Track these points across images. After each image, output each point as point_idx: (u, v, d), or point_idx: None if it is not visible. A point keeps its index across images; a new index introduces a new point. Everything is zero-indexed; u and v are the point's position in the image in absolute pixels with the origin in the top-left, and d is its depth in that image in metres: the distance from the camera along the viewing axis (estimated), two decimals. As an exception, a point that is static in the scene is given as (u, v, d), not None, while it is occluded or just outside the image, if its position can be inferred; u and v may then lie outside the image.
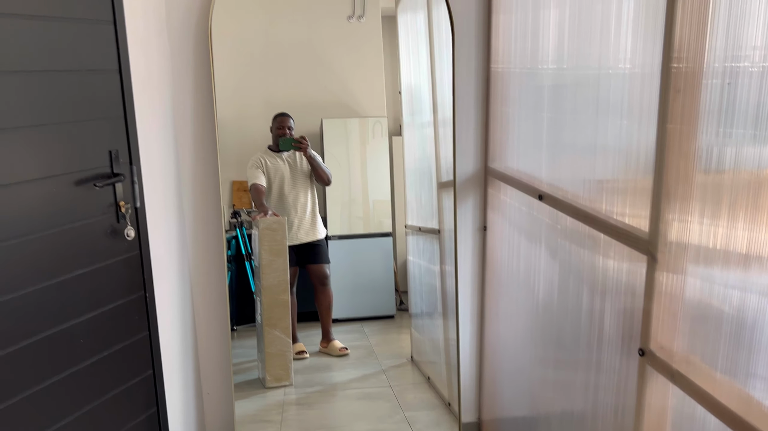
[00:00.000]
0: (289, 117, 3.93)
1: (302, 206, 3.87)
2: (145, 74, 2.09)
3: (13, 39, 1.62)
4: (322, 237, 3.99)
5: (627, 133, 1.50)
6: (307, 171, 3.85)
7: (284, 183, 3.83)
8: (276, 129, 3.92)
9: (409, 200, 3.99)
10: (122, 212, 1.93)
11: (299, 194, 3.86)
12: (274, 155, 3.89)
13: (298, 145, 3.75)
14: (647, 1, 1.41)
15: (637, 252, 1.46)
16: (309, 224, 3.90)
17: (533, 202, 2.02)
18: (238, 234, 4.69)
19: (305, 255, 3.91)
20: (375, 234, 4.93)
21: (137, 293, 2.05)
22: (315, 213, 3.94)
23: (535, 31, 2.01)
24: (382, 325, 4.73)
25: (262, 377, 3.46)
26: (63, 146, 1.77)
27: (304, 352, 3.88)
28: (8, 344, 1.63)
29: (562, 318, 1.92)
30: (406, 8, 3.64)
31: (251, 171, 3.87)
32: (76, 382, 1.84)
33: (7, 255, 1.62)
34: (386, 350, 4.02)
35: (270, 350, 3.44)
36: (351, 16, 5.23)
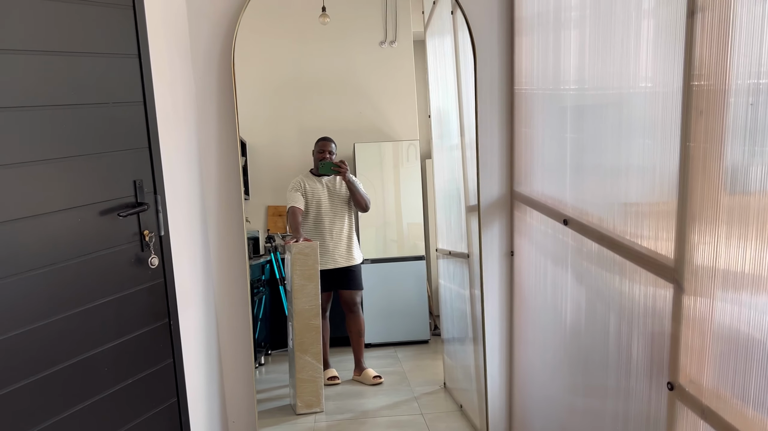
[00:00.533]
0: (330, 141, 3.94)
1: (338, 230, 3.86)
2: (169, 105, 2.13)
3: (40, 74, 1.68)
4: (358, 262, 3.97)
5: (649, 154, 1.45)
6: (346, 196, 3.85)
7: (321, 206, 3.84)
8: (317, 153, 3.94)
9: (439, 223, 3.96)
10: (146, 241, 1.96)
11: (336, 218, 3.85)
12: (314, 178, 3.90)
13: (337, 170, 3.76)
14: (667, 18, 1.36)
15: (663, 280, 1.40)
16: (345, 249, 3.88)
17: (558, 226, 1.97)
18: (272, 258, 4.73)
19: (339, 279, 3.89)
20: (408, 258, 4.90)
21: (162, 321, 2.06)
22: (351, 238, 3.92)
23: (556, 52, 1.98)
24: (415, 350, 4.67)
25: (293, 403, 3.44)
26: (88, 177, 1.82)
27: (336, 378, 3.85)
28: (33, 372, 1.66)
29: (590, 347, 1.85)
30: (434, 32, 3.65)
31: (290, 194, 3.89)
32: (101, 410, 1.86)
33: (33, 285, 1.66)
34: (419, 376, 3.96)
35: (301, 376, 3.42)
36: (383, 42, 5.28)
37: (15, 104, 1.61)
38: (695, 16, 1.24)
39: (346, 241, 3.88)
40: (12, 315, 1.61)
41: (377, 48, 5.24)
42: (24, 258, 1.64)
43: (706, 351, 1.28)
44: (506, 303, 2.62)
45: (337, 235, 3.85)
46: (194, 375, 2.27)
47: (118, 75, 1.89)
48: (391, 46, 5.24)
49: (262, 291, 4.45)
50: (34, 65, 1.66)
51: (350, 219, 3.90)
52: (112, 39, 1.87)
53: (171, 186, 2.10)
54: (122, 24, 1.90)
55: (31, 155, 1.65)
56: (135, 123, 1.95)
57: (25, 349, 1.64)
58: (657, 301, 1.45)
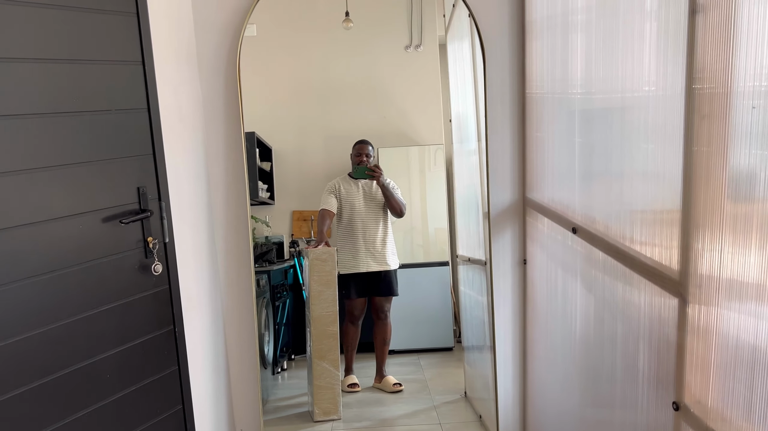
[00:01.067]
0: (367, 144, 3.89)
1: (372, 234, 3.80)
2: (175, 112, 2.14)
3: (44, 82, 1.70)
4: (393, 267, 3.89)
5: (653, 159, 1.38)
6: (382, 200, 3.79)
7: (355, 209, 3.80)
8: (354, 156, 3.90)
9: (459, 229, 3.89)
10: (150, 248, 1.96)
11: (370, 222, 3.80)
12: (350, 181, 3.87)
13: (371, 174, 3.72)
14: (668, 20, 1.29)
15: (668, 293, 1.32)
16: (379, 253, 3.83)
17: (567, 234, 1.90)
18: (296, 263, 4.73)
19: (372, 284, 3.84)
20: (434, 264, 4.84)
21: (166, 327, 2.06)
22: (386, 242, 3.85)
23: (564, 55, 1.91)
24: (439, 358, 4.61)
25: (311, 410, 3.42)
26: (92, 184, 1.82)
27: (356, 385, 3.81)
28: (36, 378, 1.67)
29: (598, 359, 1.77)
30: (453, 36, 3.60)
31: (324, 195, 3.86)
32: (104, 417, 1.86)
33: (36, 291, 1.67)
34: (440, 385, 3.90)
35: (318, 382, 3.40)
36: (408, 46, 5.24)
37: (18, 112, 1.63)
38: (696, 17, 1.17)
39: (380, 246, 3.82)
40: (14, 321, 1.62)
41: (402, 52, 5.20)
42: (26, 265, 1.65)
43: (711, 366, 1.20)
44: (519, 312, 2.55)
45: (371, 239, 3.80)
46: (200, 383, 2.26)
47: (122, 82, 1.90)
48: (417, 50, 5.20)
49: (285, 295, 4.45)
50: (37, 73, 1.67)
51: (385, 223, 3.85)
52: (115, 46, 1.88)
53: (176, 193, 2.10)
54: (126, 31, 1.90)
55: (34, 162, 1.67)
56: (139, 130, 1.96)
57: (27, 355, 1.65)
58: (663, 313, 1.37)
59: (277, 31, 5.14)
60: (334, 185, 3.88)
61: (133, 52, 1.92)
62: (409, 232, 4.81)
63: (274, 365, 4.04)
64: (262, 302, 3.64)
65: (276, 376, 4.20)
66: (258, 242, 4.73)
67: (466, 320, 3.72)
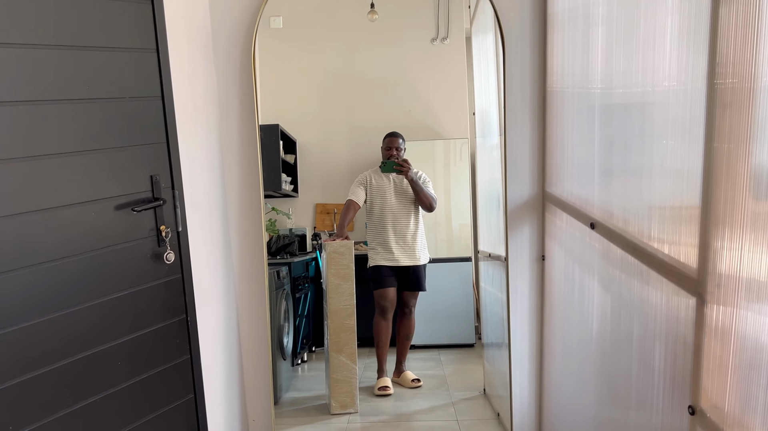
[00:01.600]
0: (397, 137, 3.81)
1: (402, 228, 3.75)
2: (189, 100, 2.13)
3: (58, 69, 1.70)
4: (422, 262, 3.84)
5: (673, 155, 1.32)
6: (412, 194, 3.75)
7: (386, 203, 3.75)
8: (384, 149, 3.83)
9: (480, 225, 3.83)
10: (163, 236, 1.96)
11: (401, 216, 3.75)
12: (381, 175, 3.82)
13: (399, 168, 3.67)
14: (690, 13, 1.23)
15: (685, 291, 1.26)
16: (409, 247, 3.78)
17: (585, 230, 1.84)
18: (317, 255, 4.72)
19: (401, 278, 3.79)
20: (457, 259, 4.79)
21: (179, 316, 2.06)
22: (416, 236, 3.79)
23: (585, 48, 1.85)
24: (459, 354, 4.57)
25: (329, 403, 3.41)
26: (104, 171, 1.83)
27: (387, 388, 3.66)
28: (46, 363, 1.68)
29: (614, 358, 1.72)
30: (478, 28, 3.53)
31: (353, 186, 3.80)
32: (114, 404, 1.87)
33: (47, 277, 1.68)
34: (460, 381, 3.86)
35: (335, 375, 3.38)
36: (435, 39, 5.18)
37: (31, 98, 1.64)
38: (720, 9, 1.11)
39: (410, 240, 3.77)
40: (25, 307, 1.63)
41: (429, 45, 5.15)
42: (38, 251, 1.66)
43: (729, 369, 1.14)
44: (536, 309, 2.48)
45: (401, 233, 3.75)
46: (213, 373, 2.26)
47: (136, 69, 1.90)
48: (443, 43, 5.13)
49: (306, 288, 4.45)
50: (51, 59, 1.68)
51: (417, 217, 3.79)
52: (130, 34, 1.88)
53: (189, 182, 2.09)
54: (141, 19, 1.90)
55: (47, 148, 1.67)
56: (152, 118, 1.95)
57: (38, 341, 1.66)
58: (680, 313, 1.31)
59: (303, 23, 5.13)
60: (365, 177, 3.82)
61: (147, 39, 1.91)
62: (432, 227, 4.76)
63: (293, 357, 4.05)
64: (282, 294, 3.64)
65: (296, 368, 4.21)
66: (280, 234, 4.73)
67: (486, 317, 3.67)
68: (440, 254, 4.82)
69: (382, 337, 3.79)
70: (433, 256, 4.33)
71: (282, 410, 3.40)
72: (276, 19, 5.11)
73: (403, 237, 3.75)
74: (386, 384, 3.69)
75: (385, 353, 3.83)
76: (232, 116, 2.46)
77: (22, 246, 1.62)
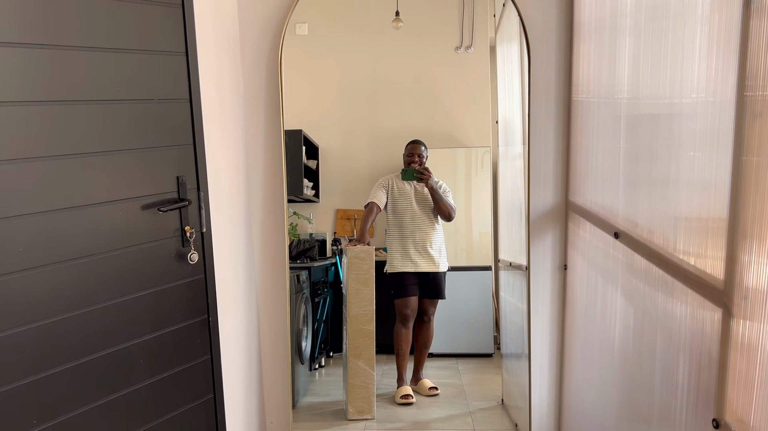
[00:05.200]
0: (420, 144, 3.83)
1: (423, 235, 3.74)
2: (216, 103, 2.16)
3: (89, 70, 1.74)
4: (442, 269, 3.83)
5: (700, 166, 1.30)
6: (432, 202, 3.75)
7: (407, 209, 3.75)
8: (406, 156, 3.84)
9: (502, 233, 3.81)
10: (187, 237, 1.98)
11: (422, 223, 3.74)
12: (403, 181, 3.83)
13: (419, 176, 3.67)
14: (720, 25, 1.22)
15: (711, 303, 1.24)
16: (429, 254, 3.77)
17: (609, 239, 1.82)
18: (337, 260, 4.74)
19: (421, 285, 3.76)
20: (477, 268, 4.77)
21: (200, 317, 2.08)
22: (436, 244, 3.78)
23: (611, 58, 1.84)
24: (477, 364, 4.53)
25: (345, 408, 3.41)
26: (131, 172, 1.86)
27: (409, 397, 3.59)
28: (71, 359, 1.71)
29: (637, 370, 1.69)
30: (503, 37, 3.54)
31: (374, 188, 3.81)
32: (136, 401, 1.90)
33: (73, 274, 1.71)
34: (477, 391, 3.83)
35: (353, 381, 3.38)
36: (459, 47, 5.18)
37: (63, 98, 1.68)
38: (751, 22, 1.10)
39: (429, 247, 3.76)
40: (53, 303, 1.67)
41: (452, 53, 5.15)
42: (65, 248, 1.69)
43: (755, 383, 1.12)
44: (557, 320, 2.46)
45: (421, 240, 3.74)
46: (232, 374, 2.28)
47: (165, 72, 1.93)
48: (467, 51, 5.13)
49: (325, 292, 4.46)
50: (82, 61, 1.71)
51: (436, 225, 3.79)
52: (160, 37, 1.91)
53: (215, 184, 2.12)
54: (171, 22, 1.94)
55: (77, 148, 1.71)
56: (180, 120, 1.98)
57: (63, 336, 1.69)
58: (705, 325, 1.29)
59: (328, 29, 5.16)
60: (387, 181, 3.83)
61: (177, 42, 1.95)
62: (453, 236, 4.74)
63: (311, 361, 4.05)
64: (302, 298, 3.66)
65: (313, 372, 4.21)
66: (301, 239, 4.76)
67: (506, 326, 3.65)
68: (460, 262, 4.80)
69: (403, 346, 3.78)
70: (452, 265, 4.31)
71: (299, 414, 3.40)
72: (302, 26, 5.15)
73: (423, 243, 3.74)
74: (408, 392, 3.66)
75: (405, 362, 3.81)
76: (257, 120, 2.49)
77: (50, 243, 1.65)
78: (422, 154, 3.77)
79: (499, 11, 3.71)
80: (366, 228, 3.61)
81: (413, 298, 3.73)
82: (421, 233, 3.74)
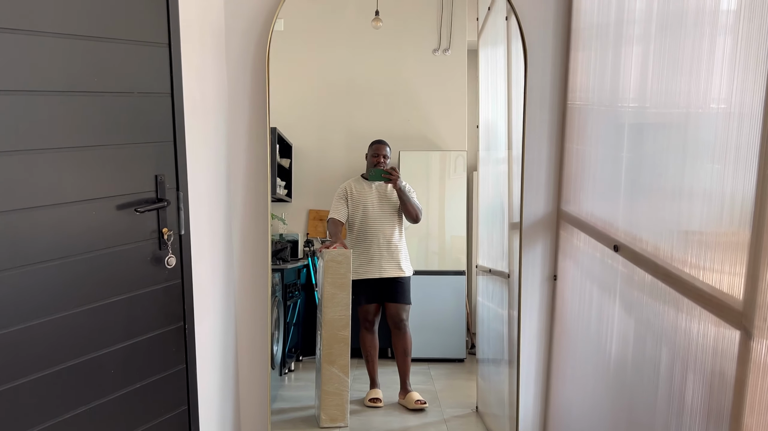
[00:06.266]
0: (384, 145, 3.75)
1: (386, 238, 3.65)
2: (199, 99, 2.05)
3: (64, 58, 1.61)
4: (407, 274, 3.73)
5: (719, 178, 1.26)
6: (396, 203, 3.65)
7: (369, 212, 3.65)
8: (371, 157, 3.75)
9: (481, 239, 3.77)
10: (165, 239, 1.87)
11: (384, 225, 3.65)
12: (363, 182, 3.72)
13: (387, 176, 3.58)
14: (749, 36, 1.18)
15: (728, 324, 1.20)
16: (393, 258, 3.68)
17: (607, 251, 1.78)
18: (309, 262, 4.63)
19: (385, 291, 3.68)
20: (449, 272, 4.73)
21: (176, 324, 1.97)
22: (400, 247, 3.70)
23: (615, 67, 1.80)
24: (450, 369, 4.49)
25: (317, 415, 3.32)
26: (107, 169, 1.74)
27: (378, 400, 3.56)
28: (36, 369, 1.58)
29: (636, 385, 1.65)
30: (487, 40, 3.49)
31: (334, 202, 3.72)
32: (106, 414, 1.77)
33: (42, 277, 1.58)
34: (451, 397, 3.77)
35: (327, 388, 3.29)
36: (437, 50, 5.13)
37: (34, 88, 1.55)
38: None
39: (393, 251, 3.67)
40: (17, 309, 1.54)
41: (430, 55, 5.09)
42: (33, 250, 1.56)
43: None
44: (546, 330, 2.42)
45: (385, 243, 3.65)
46: (208, 383, 2.17)
47: (146, 64, 1.81)
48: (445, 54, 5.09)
49: (297, 295, 4.35)
50: (57, 48, 1.58)
51: (400, 227, 3.70)
52: (142, 26, 1.79)
53: (195, 183, 2.00)
54: (154, 11, 1.82)
55: (47, 142, 1.58)
56: (160, 115, 1.87)
57: (28, 346, 1.56)
58: (718, 344, 1.25)
59: (305, 26, 5.05)
60: (345, 189, 3.74)
61: (160, 33, 1.83)
62: (424, 239, 4.69)
63: (281, 366, 3.94)
64: (274, 301, 3.55)
65: (283, 377, 4.11)
66: (273, 239, 4.64)
67: (483, 332, 3.61)
68: (431, 266, 4.75)
69: (371, 351, 3.71)
70: (424, 269, 4.26)
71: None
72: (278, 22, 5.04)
73: (387, 247, 3.66)
74: (377, 395, 3.60)
75: (375, 367, 3.74)
76: (241, 117, 2.38)
77: (16, 245, 1.52)
78: (387, 155, 3.71)
79: (483, 14, 3.66)
80: (338, 234, 3.53)
81: (374, 305, 3.66)
82: (385, 236, 3.66)
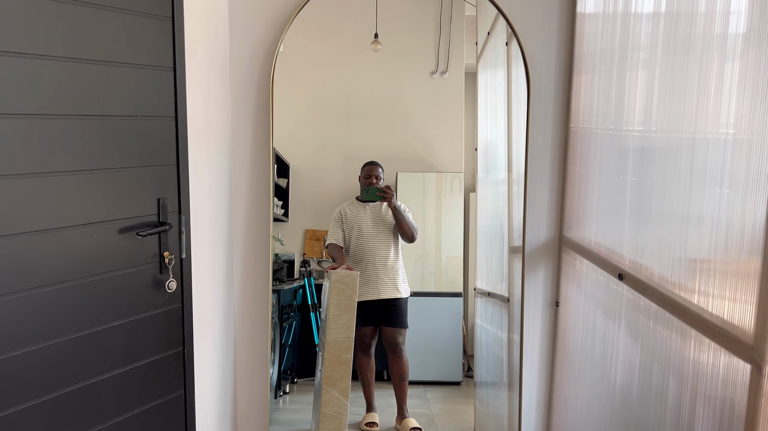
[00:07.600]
0: (377, 166, 3.75)
1: (382, 259, 3.62)
2: (202, 123, 2.04)
3: (69, 82, 1.60)
4: (404, 296, 3.69)
5: (728, 205, 1.26)
6: (391, 223, 3.63)
7: (363, 232, 3.63)
8: (363, 178, 3.75)
9: (480, 261, 3.75)
10: (165, 263, 1.85)
11: (379, 246, 3.63)
12: (357, 205, 3.72)
13: (382, 195, 3.58)
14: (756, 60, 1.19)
15: (738, 358, 1.19)
16: (389, 279, 3.65)
17: (612, 279, 1.78)
18: (306, 283, 4.60)
19: (380, 314, 3.62)
20: (446, 294, 4.70)
21: (175, 349, 1.94)
22: (396, 268, 3.67)
23: (620, 92, 1.81)
24: (446, 392, 4.44)
25: (314, 439, 3.27)
26: (109, 192, 1.72)
27: (374, 425, 3.52)
28: (34, 396, 1.56)
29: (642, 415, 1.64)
30: (486, 64, 3.52)
31: (331, 228, 3.71)
32: (103, 441, 1.74)
33: (42, 302, 1.57)
34: (448, 422, 3.73)
35: (325, 410, 3.25)
36: (434, 72, 5.17)
37: (39, 111, 1.54)
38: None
39: (390, 272, 3.65)
40: (16, 334, 1.52)
41: (428, 78, 5.13)
42: (34, 274, 1.55)
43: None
44: (547, 355, 2.41)
45: (381, 264, 3.62)
46: (206, 410, 2.13)
47: (151, 88, 1.81)
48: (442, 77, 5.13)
49: (292, 316, 4.31)
50: (63, 72, 1.58)
51: (396, 248, 3.68)
52: (147, 50, 1.79)
53: (197, 207, 1.99)
54: (160, 35, 1.82)
55: (52, 166, 1.57)
56: (164, 139, 1.86)
57: (27, 371, 1.54)
58: (728, 375, 1.24)
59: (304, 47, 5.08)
60: (339, 213, 3.73)
61: (165, 57, 1.83)
62: (420, 259, 4.68)
63: (276, 388, 3.90)
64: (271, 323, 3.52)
65: (278, 400, 4.06)
66: (269, 260, 4.61)
67: (482, 356, 3.58)
68: (427, 288, 4.72)
69: (368, 374, 3.66)
70: (420, 290, 4.23)
71: (266, 445, 3.25)
72: (277, 43, 5.06)
73: (383, 268, 3.63)
74: (373, 419, 3.56)
75: (371, 390, 3.70)
76: (244, 141, 2.37)
77: (18, 269, 1.51)
78: (380, 176, 3.71)
79: (482, 39, 3.69)
80: (342, 256, 3.51)
81: (370, 328, 3.63)
82: (381, 257, 3.63)
